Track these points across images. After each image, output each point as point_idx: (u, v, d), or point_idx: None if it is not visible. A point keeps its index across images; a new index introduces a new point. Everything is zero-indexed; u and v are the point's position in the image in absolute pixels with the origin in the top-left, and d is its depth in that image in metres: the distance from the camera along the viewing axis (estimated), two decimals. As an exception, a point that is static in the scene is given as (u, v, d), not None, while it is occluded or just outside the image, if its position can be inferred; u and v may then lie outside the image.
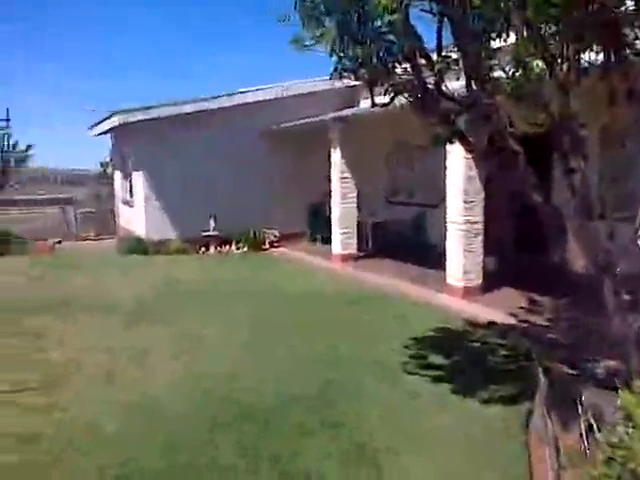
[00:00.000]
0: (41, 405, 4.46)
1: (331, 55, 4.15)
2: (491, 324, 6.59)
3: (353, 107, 12.72)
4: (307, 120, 11.96)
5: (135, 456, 3.61)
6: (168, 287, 9.12)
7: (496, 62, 4.10)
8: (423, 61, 3.90)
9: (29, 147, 22.21)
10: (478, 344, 5.98)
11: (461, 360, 5.44)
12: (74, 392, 4.72)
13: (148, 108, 12.58)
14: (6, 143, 21.54)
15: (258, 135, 13.40)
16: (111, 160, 19.14)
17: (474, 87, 3.92)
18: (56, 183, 22.68)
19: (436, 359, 5.46)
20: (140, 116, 12.51)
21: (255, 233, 13.20)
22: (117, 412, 4.28)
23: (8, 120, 21.68)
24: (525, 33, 3.67)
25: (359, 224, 11.29)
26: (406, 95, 4.17)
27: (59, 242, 15.46)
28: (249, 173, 13.30)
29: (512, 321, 6.63)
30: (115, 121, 12.67)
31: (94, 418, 4.18)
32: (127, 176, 15.17)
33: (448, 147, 7.51)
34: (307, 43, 4.11)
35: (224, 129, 13.11)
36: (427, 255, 10.06)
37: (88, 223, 16.98)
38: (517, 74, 3.96)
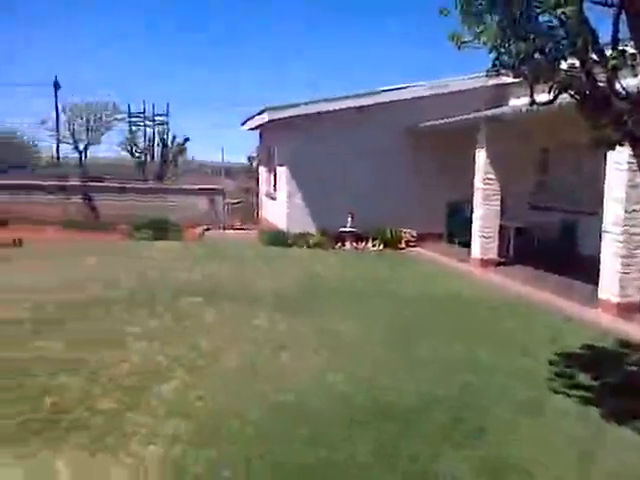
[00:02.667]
0: (192, 385, 4.80)
1: (490, 51, 4.00)
2: (651, 346, 5.98)
3: (501, 106, 12.19)
4: (453, 119, 11.66)
5: (277, 448, 3.72)
6: (308, 280, 9.37)
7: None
8: (594, 56, 3.62)
9: (186, 140, 24.16)
10: (635, 367, 5.46)
11: (614, 383, 5.00)
12: (222, 379, 4.98)
13: (295, 105, 13.03)
14: (166, 137, 23.61)
15: (400, 133, 13.34)
16: (257, 155, 20.13)
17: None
18: (208, 174, 24.31)
19: (585, 379, 5.07)
20: (287, 113, 12.99)
21: (392, 231, 13.17)
22: (261, 403, 4.42)
23: (167, 115, 23.75)
24: None
25: (501, 228, 10.81)
26: (572, 93, 3.89)
27: (207, 229, 16.54)
28: (389, 171, 13.29)
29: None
30: (265, 117, 13.28)
31: (240, 407, 4.35)
32: (271, 170, 15.86)
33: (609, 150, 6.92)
34: (466, 39, 3.99)
35: (367, 127, 13.21)
36: (577, 266, 9.39)
37: (235, 213, 18.00)
38: None
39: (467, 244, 11.10)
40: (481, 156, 10.57)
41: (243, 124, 16.68)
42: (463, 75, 13.46)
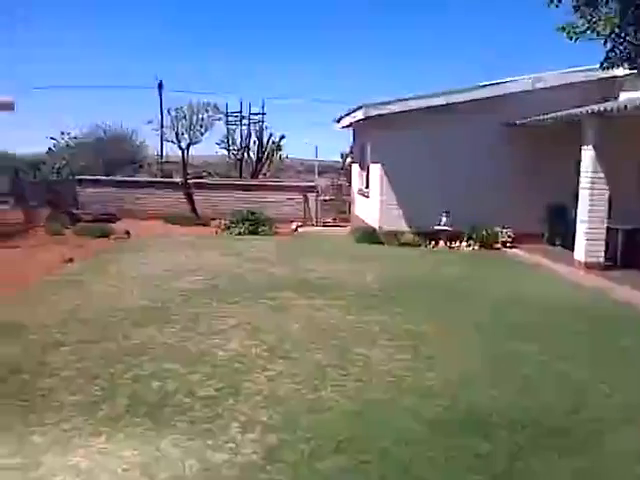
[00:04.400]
0: (286, 376, 4.92)
1: (605, 42, 3.80)
2: None
3: (610, 100, 11.47)
4: (555, 114, 11.11)
5: (370, 446, 3.74)
6: (400, 278, 9.25)
7: None
8: None
9: (282, 138, 24.63)
10: None
11: None
12: (314, 372, 5.04)
13: (390, 102, 12.94)
14: (262, 135, 24.19)
15: (498, 130, 12.89)
16: (351, 152, 20.20)
17: None
18: (301, 172, 24.75)
19: None
20: (382, 110, 12.92)
21: (487, 231, 12.77)
22: (354, 399, 4.44)
23: (264, 114, 24.32)
24: None
25: (608, 230, 10.17)
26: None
27: (300, 226, 16.84)
28: (485, 169, 12.88)
29: None
30: (360, 114, 13.29)
31: (333, 402, 4.38)
32: (364, 168, 15.85)
33: None
34: (579, 30, 3.81)
35: (462, 123, 12.86)
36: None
37: (327, 210, 18.18)
38: None
39: (569, 246, 10.55)
40: (588, 154, 9.99)
41: (337, 121, 16.78)
42: (567, 68, 12.87)
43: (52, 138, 20.08)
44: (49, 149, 19.67)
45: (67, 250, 10.77)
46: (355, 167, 17.86)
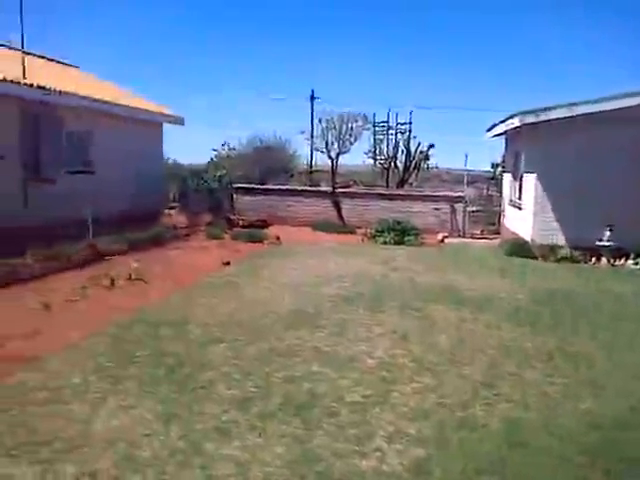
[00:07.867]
0: (433, 389, 4.84)
1: None
2: None
3: None
4: None
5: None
6: (553, 294, 8.68)
7: None
8: None
9: (430, 147, 24.34)
10: None
11: None
12: (461, 387, 4.94)
13: (547, 109, 12.23)
14: (409, 144, 24.10)
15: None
16: (502, 161, 19.40)
17: None
18: (449, 181, 24.25)
19: None
20: (540, 117, 12.24)
21: (660, 248, 11.53)
22: (502, 417, 4.33)
23: (410, 123, 24.23)
24: None
25: None
26: None
27: (446, 237, 16.49)
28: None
29: None
30: (515, 122, 12.72)
31: (482, 419, 4.30)
32: (517, 178, 15.12)
33: None
34: None
35: (632, 129, 11.77)
36: None
37: (475, 221, 17.61)
38: None
39: None
40: None
41: (489, 130, 16.24)
42: None
43: (214, 150, 21.70)
44: (211, 159, 21.25)
45: (225, 253, 11.55)
46: (507, 177, 17.11)
